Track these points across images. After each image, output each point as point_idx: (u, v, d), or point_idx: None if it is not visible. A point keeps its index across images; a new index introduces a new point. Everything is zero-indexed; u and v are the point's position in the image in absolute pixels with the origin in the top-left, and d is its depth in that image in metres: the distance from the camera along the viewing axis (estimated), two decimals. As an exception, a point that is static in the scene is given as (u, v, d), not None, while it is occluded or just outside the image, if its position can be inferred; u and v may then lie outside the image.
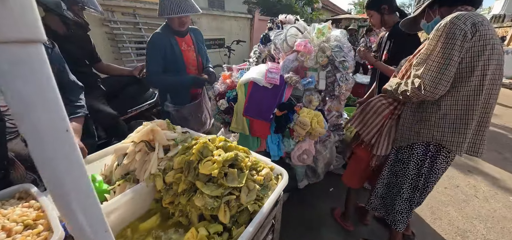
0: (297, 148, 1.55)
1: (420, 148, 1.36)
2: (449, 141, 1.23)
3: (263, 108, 1.48)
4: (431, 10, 1.32)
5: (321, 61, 1.53)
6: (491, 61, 1.11)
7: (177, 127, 0.94)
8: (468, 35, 1.06)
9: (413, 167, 1.41)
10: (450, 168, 2.94)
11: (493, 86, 1.18)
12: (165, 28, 1.78)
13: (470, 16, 1.07)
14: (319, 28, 1.55)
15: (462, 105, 1.18)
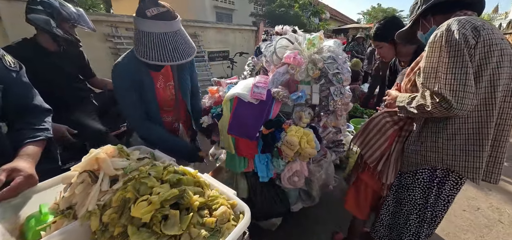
0: (287, 169, 1.40)
1: (425, 173, 1.18)
2: (463, 166, 1.05)
3: (248, 126, 1.35)
4: (425, 20, 1.19)
5: (312, 74, 1.40)
6: (501, 69, 0.94)
7: (134, 151, 0.84)
8: (471, 40, 0.91)
9: (419, 195, 1.22)
10: (469, 188, 2.65)
11: (507, 99, 0.99)
12: (135, 58, 1.18)
13: (468, 20, 0.93)
14: (309, 39, 1.43)
15: (473, 123, 1.00)
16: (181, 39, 1.17)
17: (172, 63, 1.14)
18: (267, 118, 1.37)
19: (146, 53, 1.10)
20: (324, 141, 1.69)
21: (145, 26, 1.08)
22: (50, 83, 1.80)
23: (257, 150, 1.41)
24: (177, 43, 1.14)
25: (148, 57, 1.10)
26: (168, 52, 1.12)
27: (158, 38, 1.10)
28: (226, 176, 1.59)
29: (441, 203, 1.18)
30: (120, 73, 1.21)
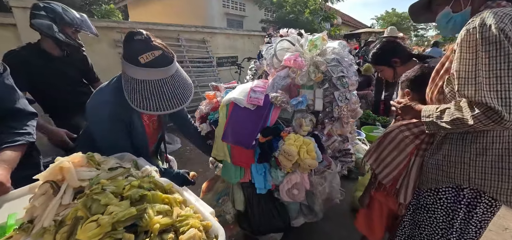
0: (286, 181, 1.29)
1: (449, 192, 1.01)
2: (495, 187, 0.89)
3: (244, 133, 1.25)
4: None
5: (314, 78, 1.29)
6: None
7: (107, 159, 0.76)
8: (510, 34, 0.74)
9: (441, 217, 1.05)
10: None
11: None
12: (117, 94, 1.03)
13: (505, 13, 0.77)
14: (311, 40, 1.32)
15: (510, 136, 0.85)
16: (179, 81, 1.03)
17: (172, 111, 1.01)
18: (264, 126, 1.27)
19: (142, 103, 0.96)
20: (329, 150, 1.56)
21: (139, 74, 0.94)
22: (53, 87, 1.81)
23: (254, 159, 1.31)
24: (174, 88, 1.01)
25: (146, 107, 0.96)
26: (167, 100, 0.98)
27: (154, 87, 0.96)
28: (222, 186, 1.49)
29: (472, 229, 1.00)
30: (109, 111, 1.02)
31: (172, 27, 4.47)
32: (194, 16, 9.59)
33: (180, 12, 10.27)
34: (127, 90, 0.98)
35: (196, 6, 9.62)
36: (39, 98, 1.85)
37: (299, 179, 1.28)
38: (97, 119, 1.05)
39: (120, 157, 0.99)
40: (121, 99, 1.01)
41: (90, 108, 1.06)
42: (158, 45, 0.99)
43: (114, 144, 1.03)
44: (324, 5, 8.87)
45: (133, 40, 0.97)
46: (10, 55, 1.66)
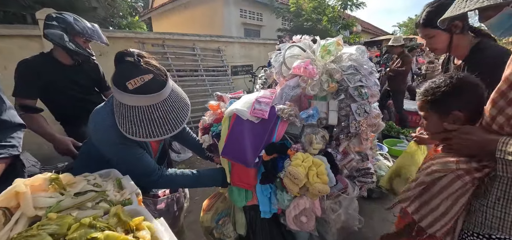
0: (293, 206, 1.11)
1: None
2: None
3: (245, 149, 1.11)
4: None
5: (328, 88, 1.12)
6: None
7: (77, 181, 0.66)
8: None
9: None
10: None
11: None
12: None
13: None
14: (324, 45, 1.17)
15: None
16: (172, 105, 0.96)
17: (162, 138, 0.95)
18: (269, 141, 1.12)
19: (131, 130, 0.90)
20: (345, 170, 1.36)
21: (127, 100, 0.89)
22: (63, 95, 1.82)
23: (256, 179, 1.16)
24: (166, 113, 0.94)
25: (134, 134, 0.90)
26: (158, 126, 0.93)
27: (144, 113, 0.90)
28: (222, 206, 1.35)
29: None
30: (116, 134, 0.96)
31: (187, 36, 4.51)
32: (212, 26, 9.80)
33: (199, 23, 10.57)
34: (117, 115, 0.94)
35: (214, 17, 9.83)
36: (50, 106, 1.87)
37: (308, 205, 1.10)
38: (108, 143, 1.00)
39: (105, 174, 0.90)
40: None
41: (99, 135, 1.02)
42: (149, 69, 0.92)
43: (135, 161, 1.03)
44: (342, 13, 8.60)
45: (124, 61, 0.92)
46: (23, 65, 1.69)
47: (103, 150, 1.01)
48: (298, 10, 8.65)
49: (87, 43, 1.83)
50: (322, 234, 1.24)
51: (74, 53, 1.76)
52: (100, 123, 1.01)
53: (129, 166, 0.99)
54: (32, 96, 1.71)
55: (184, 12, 11.34)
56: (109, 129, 0.97)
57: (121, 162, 1.01)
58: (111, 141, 0.98)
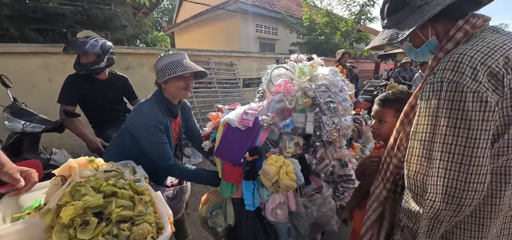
0: (270, 200, 1.34)
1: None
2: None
3: (233, 151, 1.37)
4: (421, 30, 0.82)
5: (301, 103, 1.36)
6: None
7: (107, 164, 0.96)
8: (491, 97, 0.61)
9: None
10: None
11: None
12: (158, 102, 1.44)
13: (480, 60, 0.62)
14: (300, 67, 1.42)
15: None
16: (190, 63, 1.47)
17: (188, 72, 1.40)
18: (253, 145, 1.38)
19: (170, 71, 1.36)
20: (322, 174, 1.57)
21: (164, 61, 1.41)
22: (96, 104, 2.22)
23: (242, 176, 1.41)
24: (187, 65, 1.44)
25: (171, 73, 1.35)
26: (184, 67, 1.40)
27: (173, 64, 1.39)
28: (216, 199, 1.61)
29: None
30: (154, 117, 1.38)
31: (203, 52, 4.95)
32: (229, 40, 10.37)
33: (217, 37, 11.23)
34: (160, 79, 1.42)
35: (232, 31, 10.41)
36: (85, 112, 2.29)
37: (283, 199, 1.32)
38: (146, 123, 1.37)
39: (124, 164, 1.21)
40: (159, 110, 1.41)
41: (136, 122, 1.43)
42: None
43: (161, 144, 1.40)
44: (355, 27, 8.72)
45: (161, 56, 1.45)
46: (68, 79, 2.12)
47: (138, 135, 1.39)
48: (312, 24, 8.91)
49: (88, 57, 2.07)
50: (297, 226, 1.44)
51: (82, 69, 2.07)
52: (142, 111, 1.42)
53: (154, 148, 1.38)
54: (72, 104, 2.12)
55: (204, 27, 12.12)
56: (148, 115, 1.37)
57: (148, 144, 1.37)
58: (147, 125, 1.35)
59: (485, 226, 0.73)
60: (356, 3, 8.55)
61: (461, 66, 0.63)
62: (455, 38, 0.74)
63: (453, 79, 0.64)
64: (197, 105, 4.50)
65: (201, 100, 4.63)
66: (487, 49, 0.64)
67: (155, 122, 1.37)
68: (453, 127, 0.64)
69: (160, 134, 1.39)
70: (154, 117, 1.37)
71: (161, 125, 1.39)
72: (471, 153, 0.63)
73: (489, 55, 0.63)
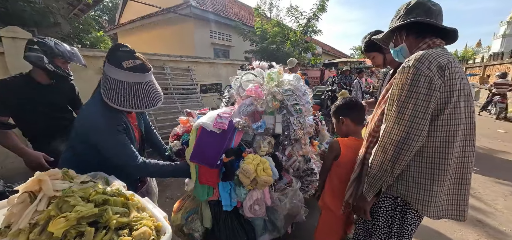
0: (248, 198, 1.43)
1: (388, 201, 1.21)
2: (414, 198, 1.08)
3: (209, 154, 1.41)
4: (400, 34, 1.22)
5: (271, 106, 1.50)
6: (459, 109, 0.99)
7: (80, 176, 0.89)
8: (436, 81, 0.96)
9: (383, 223, 1.24)
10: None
11: (467, 137, 1.05)
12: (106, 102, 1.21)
13: (434, 58, 0.97)
14: (269, 73, 1.56)
15: (428, 157, 1.04)
16: (152, 88, 1.27)
17: (142, 110, 1.25)
18: (228, 147, 1.44)
19: (117, 100, 1.14)
20: (291, 169, 1.73)
21: (119, 76, 1.14)
22: (38, 113, 1.91)
23: (219, 178, 1.45)
24: (148, 92, 1.24)
25: (120, 104, 1.14)
26: (140, 100, 1.20)
27: (131, 88, 1.17)
28: (190, 205, 1.61)
29: (406, 233, 1.18)
30: (109, 115, 1.18)
31: (157, 56, 4.71)
32: (182, 45, 10.02)
33: (169, 41, 10.71)
34: (105, 89, 1.15)
35: (184, 36, 10.10)
36: (21, 123, 1.93)
37: (260, 195, 1.43)
38: (98, 125, 1.17)
39: (93, 175, 1.12)
40: (111, 108, 1.18)
41: (89, 126, 1.19)
42: (139, 57, 1.22)
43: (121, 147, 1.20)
44: (303, 37, 9.59)
45: (119, 50, 1.18)
46: (1, 83, 1.78)
47: (93, 139, 1.18)
48: (263, 33, 9.39)
49: (66, 64, 1.96)
50: (272, 220, 1.56)
51: (53, 74, 1.88)
52: (92, 113, 1.21)
53: (116, 151, 1.20)
54: (5, 114, 1.78)
55: (153, 30, 11.41)
56: (100, 116, 1.18)
57: (109, 147, 1.19)
58: (102, 127, 1.17)
59: (437, 180, 1.03)
60: (303, 16, 9.42)
61: (422, 59, 0.98)
62: (422, 47, 1.12)
63: (416, 66, 0.98)
64: (152, 112, 4.24)
65: (157, 107, 4.36)
66: (438, 53, 1.00)
67: (111, 120, 1.20)
68: (409, 96, 0.99)
69: (120, 133, 1.23)
70: (109, 116, 1.20)
71: (118, 124, 1.23)
72: (415, 114, 0.98)
73: (439, 56, 0.98)
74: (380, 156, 1.09)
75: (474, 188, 3.40)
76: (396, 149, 1.02)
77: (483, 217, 2.72)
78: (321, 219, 1.71)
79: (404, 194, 1.11)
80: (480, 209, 2.89)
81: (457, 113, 1.00)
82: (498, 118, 8.40)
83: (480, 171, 4.01)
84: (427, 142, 1.03)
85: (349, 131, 1.57)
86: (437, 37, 1.12)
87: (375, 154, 1.12)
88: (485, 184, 3.55)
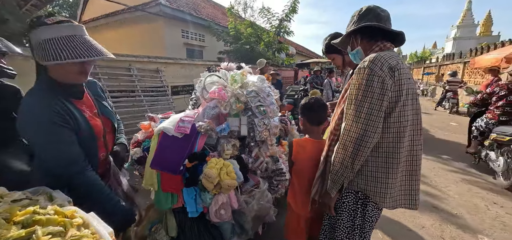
0: (213, 202, 1.39)
1: (350, 196, 1.26)
2: (373, 191, 1.15)
3: (171, 160, 1.35)
4: (355, 38, 1.29)
5: (235, 108, 1.48)
6: (407, 107, 1.08)
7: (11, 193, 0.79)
8: (388, 81, 1.04)
9: (346, 218, 1.28)
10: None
11: (415, 133, 1.14)
12: (46, 89, 1.00)
13: (386, 60, 1.06)
14: (232, 75, 1.55)
15: (383, 152, 1.12)
16: (92, 42, 1.03)
17: (91, 58, 0.95)
18: (191, 152, 1.39)
19: (57, 55, 0.90)
20: (258, 171, 1.73)
21: (48, 34, 0.93)
22: None
23: (183, 184, 1.40)
24: (89, 44, 1.00)
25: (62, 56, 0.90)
26: (82, 50, 0.95)
27: (67, 41, 0.95)
28: (154, 215, 1.53)
29: (368, 225, 1.24)
30: (45, 104, 0.94)
31: (123, 57, 4.43)
32: (152, 46, 9.56)
33: (138, 41, 10.15)
34: (40, 56, 0.93)
35: (154, 36, 9.66)
36: None
37: (225, 200, 1.40)
38: (26, 122, 0.95)
39: (34, 191, 1.00)
40: (50, 95, 0.98)
41: (23, 122, 0.97)
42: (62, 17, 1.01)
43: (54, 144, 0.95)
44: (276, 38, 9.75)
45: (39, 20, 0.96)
46: None
47: (30, 136, 0.97)
48: (237, 34, 9.37)
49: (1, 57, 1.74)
50: (241, 223, 1.54)
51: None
52: (24, 105, 0.97)
53: (55, 151, 0.96)
54: None
55: (120, 29, 10.74)
56: (32, 106, 0.96)
57: (38, 143, 0.96)
58: (40, 119, 0.94)
59: (391, 173, 1.11)
60: (276, 17, 9.57)
61: (375, 61, 1.06)
62: (374, 50, 1.19)
63: (370, 67, 1.05)
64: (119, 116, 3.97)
65: (123, 110, 4.11)
66: (389, 56, 1.08)
67: (45, 110, 0.95)
68: (365, 95, 1.06)
69: (58, 127, 0.96)
70: (44, 105, 0.96)
71: (57, 114, 0.96)
72: (371, 112, 1.04)
73: (390, 58, 1.07)
74: (341, 153, 1.14)
75: (429, 176, 3.72)
76: (355, 145, 1.07)
77: (438, 203, 2.98)
78: (286, 217, 1.74)
79: (364, 188, 1.17)
80: (435, 196, 3.16)
81: (406, 111, 1.08)
82: (451, 113, 9.33)
83: (434, 160, 4.41)
84: (381, 138, 1.10)
85: (306, 130, 1.63)
86: (387, 41, 1.21)
87: (336, 151, 1.17)
88: (439, 172, 3.90)
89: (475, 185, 3.44)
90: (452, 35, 29.85)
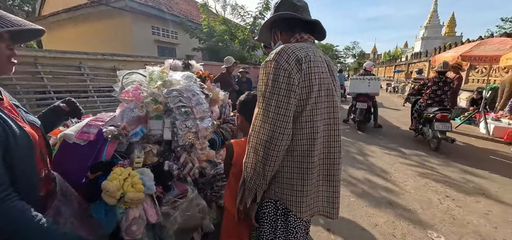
0: (125, 218, 1.22)
1: (270, 205, 1.14)
2: (288, 200, 1.03)
3: (72, 171, 1.16)
4: (275, 32, 1.18)
5: (151, 109, 1.32)
6: (320, 104, 0.96)
7: None
8: (294, 75, 0.91)
9: (268, 229, 1.17)
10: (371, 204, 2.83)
11: (331, 133, 1.03)
12: None
13: (293, 51, 0.93)
14: (149, 73, 1.38)
15: (297, 156, 0.99)
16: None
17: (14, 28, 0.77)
18: (96, 160, 1.21)
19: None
20: (189, 178, 1.58)
21: None
22: None
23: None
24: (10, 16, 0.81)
25: None
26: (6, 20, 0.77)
27: None
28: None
29: (292, 237, 1.13)
30: None
31: (70, 54, 4.05)
32: (119, 42, 9.00)
33: (103, 38, 9.51)
34: None
35: (122, 32, 9.10)
36: None
37: (138, 214, 1.23)
38: None
39: None
40: None
41: None
42: None
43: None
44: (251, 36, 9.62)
45: None
46: None
47: None
48: (211, 31, 9.11)
49: None
50: (162, 238, 1.39)
51: None
52: None
53: None
54: None
55: (84, 24, 10.01)
56: None
57: None
58: None
59: (306, 179, 1.00)
60: (249, 15, 9.44)
61: (282, 53, 0.94)
62: (291, 42, 1.07)
63: (276, 59, 0.93)
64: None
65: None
66: (298, 47, 0.97)
67: None
68: (272, 91, 0.93)
69: None
70: None
71: None
72: (278, 111, 0.92)
73: (298, 49, 0.95)
74: (252, 157, 1.01)
75: (390, 172, 3.80)
76: (265, 149, 0.95)
77: (395, 198, 3.02)
78: (223, 223, 1.59)
79: (280, 197, 1.05)
80: (392, 191, 3.21)
81: (319, 109, 0.98)
82: (417, 108, 9.81)
83: (396, 155, 4.54)
84: (294, 141, 0.98)
85: (244, 128, 1.49)
86: (305, 32, 1.11)
87: (247, 155, 1.04)
88: (399, 167, 4.00)
89: (431, 179, 3.57)
90: (421, 35, 31.64)
